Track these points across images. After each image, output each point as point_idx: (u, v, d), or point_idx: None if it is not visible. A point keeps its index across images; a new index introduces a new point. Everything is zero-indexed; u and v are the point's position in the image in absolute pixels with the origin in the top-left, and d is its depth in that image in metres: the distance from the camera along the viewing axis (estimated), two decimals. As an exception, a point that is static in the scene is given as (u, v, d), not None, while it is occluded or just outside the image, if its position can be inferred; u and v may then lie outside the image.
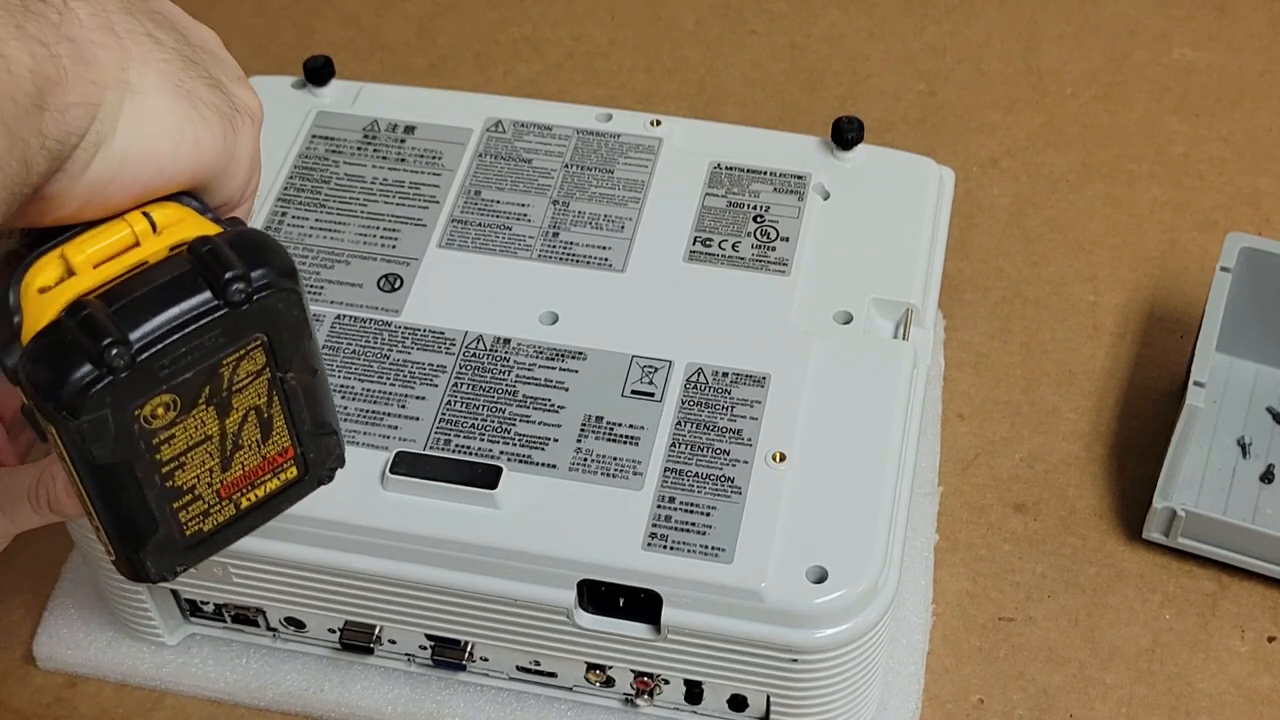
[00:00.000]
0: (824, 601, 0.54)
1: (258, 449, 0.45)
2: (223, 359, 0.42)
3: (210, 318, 0.41)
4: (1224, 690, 0.64)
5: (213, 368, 0.42)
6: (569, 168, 0.68)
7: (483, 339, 0.61)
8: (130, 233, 0.42)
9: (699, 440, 0.58)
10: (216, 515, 0.45)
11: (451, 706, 0.63)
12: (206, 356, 0.41)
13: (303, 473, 0.47)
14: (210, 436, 0.43)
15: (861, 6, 0.92)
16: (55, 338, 0.40)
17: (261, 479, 0.46)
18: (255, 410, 0.44)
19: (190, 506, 0.44)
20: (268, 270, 0.42)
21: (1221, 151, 0.84)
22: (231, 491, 0.45)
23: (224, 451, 0.44)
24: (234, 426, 0.44)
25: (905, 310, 0.63)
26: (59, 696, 0.65)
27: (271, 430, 0.45)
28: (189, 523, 0.45)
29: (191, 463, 0.43)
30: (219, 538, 0.46)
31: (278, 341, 0.43)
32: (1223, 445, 0.70)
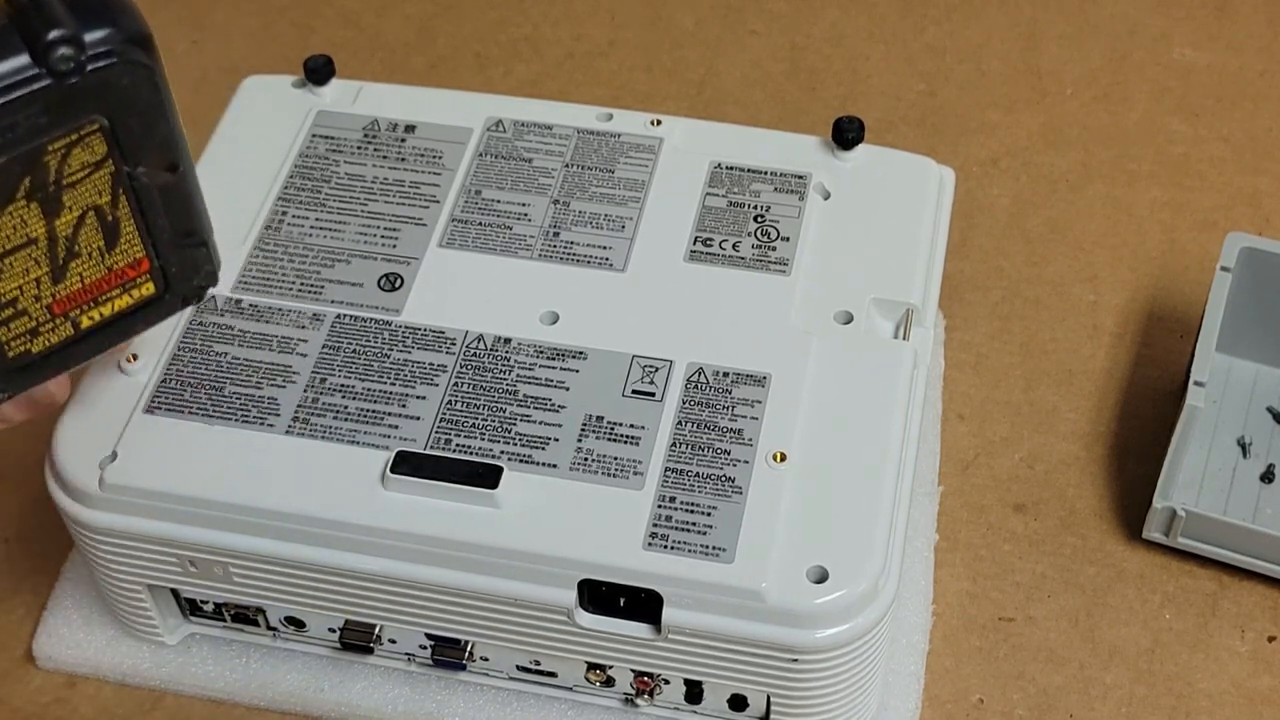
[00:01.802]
0: (824, 601, 0.54)
1: (100, 259, 0.39)
2: (47, 144, 0.35)
3: (27, 89, 0.34)
4: (1224, 690, 0.64)
5: (34, 154, 0.35)
6: (569, 167, 0.68)
7: (483, 338, 0.61)
8: None
9: (699, 440, 0.58)
10: (49, 334, 0.39)
11: (451, 706, 0.63)
12: (24, 139, 0.35)
13: (162, 289, 0.41)
14: (35, 239, 0.37)
15: (861, 6, 0.92)
16: None
17: (107, 294, 0.40)
18: (96, 211, 0.37)
19: (13, 324, 0.38)
20: (109, 33, 0.34)
21: (1221, 151, 0.84)
22: (67, 307, 0.39)
23: (55, 259, 0.38)
24: (67, 229, 0.37)
25: (905, 310, 0.63)
26: (59, 696, 0.65)
27: (119, 237, 0.38)
28: (11, 342, 0.39)
29: (11, 270, 0.37)
30: (53, 360, 0.40)
31: (123, 128, 0.36)
32: (1223, 445, 0.70)
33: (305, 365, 0.60)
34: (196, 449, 0.58)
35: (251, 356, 0.61)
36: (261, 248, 0.65)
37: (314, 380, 0.60)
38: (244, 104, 0.71)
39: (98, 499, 0.58)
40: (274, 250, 0.65)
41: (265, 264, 0.64)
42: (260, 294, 0.63)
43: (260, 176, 0.67)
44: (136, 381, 0.60)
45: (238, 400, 0.59)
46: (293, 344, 0.61)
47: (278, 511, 0.57)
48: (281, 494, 0.57)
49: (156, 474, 0.58)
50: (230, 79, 0.72)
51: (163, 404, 0.59)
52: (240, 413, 0.59)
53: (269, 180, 0.67)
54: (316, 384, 0.60)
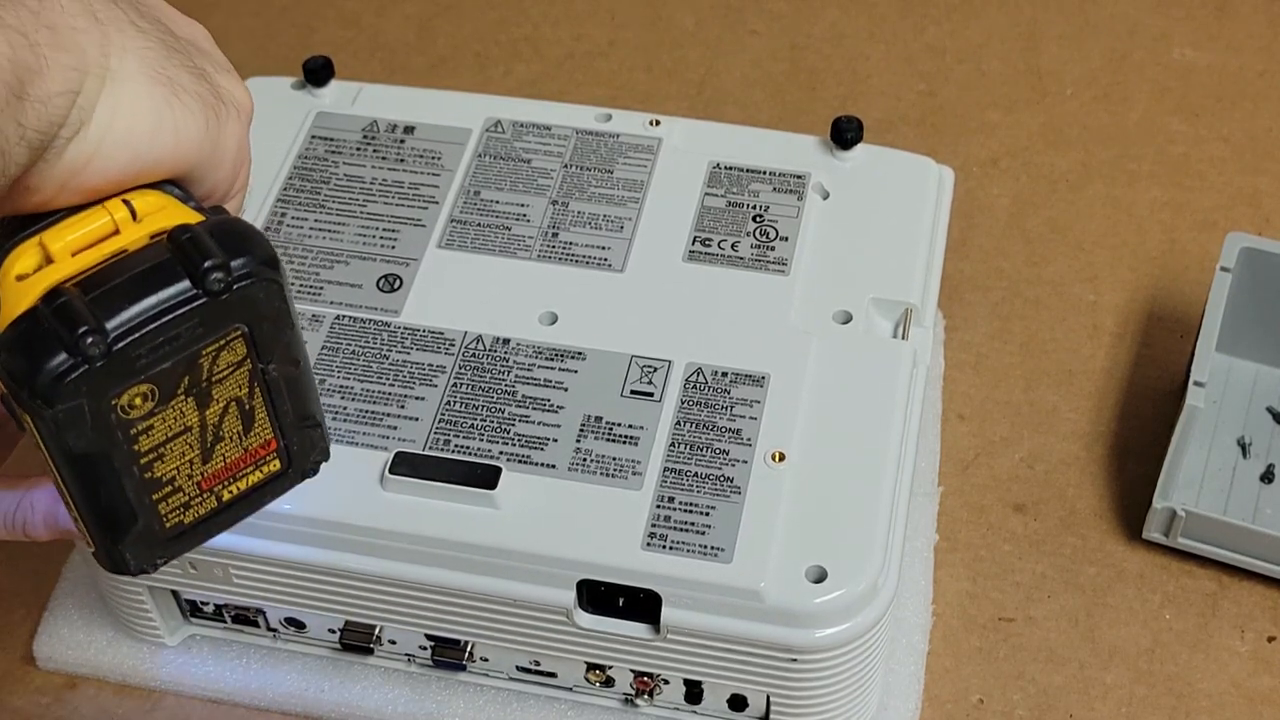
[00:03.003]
0: (823, 601, 0.54)
1: (239, 441, 0.44)
2: (202, 349, 0.41)
3: (189, 307, 0.40)
4: (1224, 690, 0.64)
5: (192, 358, 0.41)
6: (568, 168, 0.68)
7: (482, 339, 0.61)
8: (110, 220, 0.41)
9: (698, 440, 0.58)
10: (198, 507, 0.45)
11: (451, 706, 0.63)
12: (185, 346, 0.41)
13: (286, 465, 0.46)
14: (190, 428, 0.43)
15: (861, 6, 0.92)
16: (31, 325, 0.40)
17: (244, 471, 0.45)
18: (236, 401, 0.43)
19: (170, 499, 0.44)
20: (248, 259, 0.41)
21: (1221, 151, 0.84)
22: (213, 484, 0.45)
23: (204, 443, 0.43)
24: (214, 418, 0.43)
25: (905, 310, 0.63)
26: (59, 696, 0.65)
27: (254, 422, 0.44)
28: (169, 515, 0.44)
29: (171, 454, 0.43)
30: (201, 530, 0.45)
31: (259, 332, 0.42)
32: (1223, 445, 0.70)
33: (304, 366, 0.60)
34: (196, 450, 0.58)
35: (251, 357, 0.61)
36: (261, 248, 0.65)
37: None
38: (244, 105, 0.71)
39: (97, 500, 0.58)
40: (273, 251, 0.65)
41: (265, 265, 0.64)
42: (260, 295, 0.63)
43: (260, 178, 0.67)
44: (136, 382, 0.60)
45: (237, 401, 0.59)
46: (292, 345, 0.61)
47: (277, 512, 0.57)
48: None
49: (156, 475, 0.58)
50: (230, 80, 0.72)
51: (162, 405, 0.59)
52: (239, 413, 0.59)
53: (268, 181, 0.67)
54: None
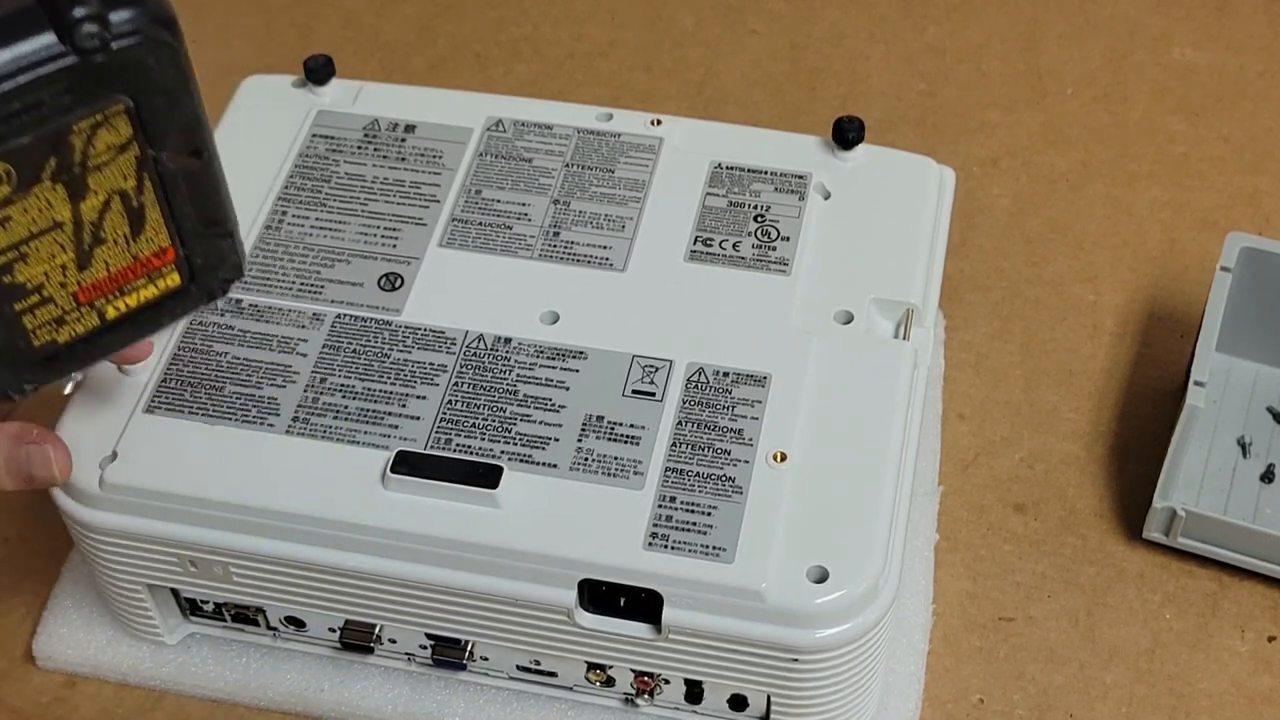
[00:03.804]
0: (825, 601, 0.54)
1: (126, 246, 0.38)
2: (72, 124, 0.35)
3: (53, 66, 0.34)
4: (1224, 690, 0.64)
5: (59, 134, 0.35)
6: (570, 167, 0.68)
7: (483, 338, 0.61)
8: None
9: (700, 440, 0.58)
10: (74, 324, 0.39)
11: (452, 706, 0.63)
12: (49, 118, 0.35)
13: (187, 280, 0.40)
14: (60, 224, 0.37)
15: (861, 6, 0.92)
16: None
17: (133, 284, 0.39)
18: (120, 196, 0.37)
19: (38, 311, 0.38)
20: (135, 13, 0.34)
21: (1221, 151, 0.84)
22: (93, 296, 0.39)
23: (80, 245, 0.37)
24: (92, 214, 0.37)
25: (906, 310, 0.63)
26: (59, 696, 0.65)
27: (144, 224, 0.38)
28: (37, 330, 0.38)
29: (36, 255, 0.37)
30: (80, 352, 0.40)
31: (147, 109, 0.36)
32: (1223, 445, 0.70)
33: (305, 365, 0.60)
34: (197, 449, 0.58)
35: (251, 356, 0.61)
36: (262, 247, 0.65)
37: (314, 380, 0.60)
38: (244, 104, 0.71)
39: (98, 499, 0.58)
40: (274, 250, 0.65)
41: (265, 264, 0.64)
42: (260, 294, 0.63)
43: (260, 176, 0.67)
44: (137, 381, 0.60)
45: (238, 400, 0.59)
46: (293, 344, 0.61)
47: (278, 511, 0.57)
48: (281, 493, 0.57)
49: (157, 474, 0.58)
50: (230, 79, 0.72)
51: (163, 404, 0.59)
52: (240, 412, 0.59)
53: (269, 180, 0.67)
54: (316, 384, 0.60)
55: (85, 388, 0.60)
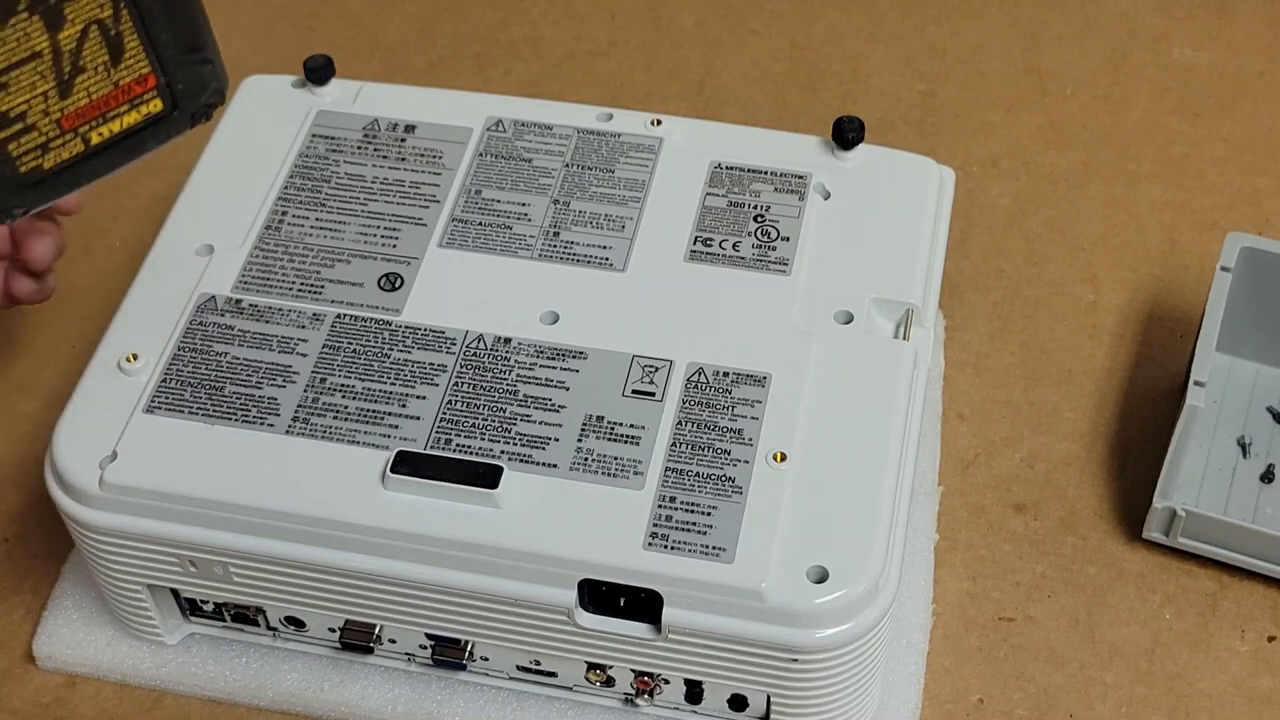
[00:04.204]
0: (824, 601, 0.54)
1: (107, 74, 0.40)
2: None
3: None
4: (1224, 690, 0.64)
5: None
6: (569, 167, 0.68)
7: (483, 338, 0.61)
8: None
9: (700, 440, 0.58)
10: (59, 150, 0.41)
11: (451, 706, 0.63)
12: None
13: (170, 106, 0.42)
14: (40, 53, 0.38)
15: (861, 6, 0.92)
16: None
17: (115, 110, 0.41)
18: (98, 25, 0.39)
19: (23, 138, 0.40)
20: None
21: (1221, 151, 0.84)
22: (76, 123, 0.41)
23: (60, 74, 0.39)
24: (70, 44, 0.39)
25: (906, 310, 0.63)
26: (59, 696, 0.65)
27: (123, 52, 0.40)
28: (24, 157, 0.40)
29: (17, 84, 0.39)
30: (65, 177, 0.41)
31: None
32: (1223, 445, 0.70)
33: (305, 365, 0.60)
34: (196, 449, 0.58)
35: (251, 356, 0.61)
36: (261, 247, 0.65)
37: (314, 380, 0.60)
38: (244, 104, 0.71)
39: (98, 499, 0.58)
40: (274, 250, 0.65)
41: (265, 264, 0.64)
42: (260, 294, 0.63)
43: (260, 176, 0.67)
44: (136, 381, 0.60)
45: (238, 400, 0.59)
46: (293, 344, 0.61)
47: (278, 511, 0.57)
48: (281, 494, 0.57)
49: (156, 474, 0.58)
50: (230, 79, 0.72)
51: (163, 404, 0.59)
52: (240, 412, 0.59)
53: (269, 180, 0.67)
54: (316, 384, 0.60)
55: (86, 389, 0.60)
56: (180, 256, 0.64)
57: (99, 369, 0.61)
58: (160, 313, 0.62)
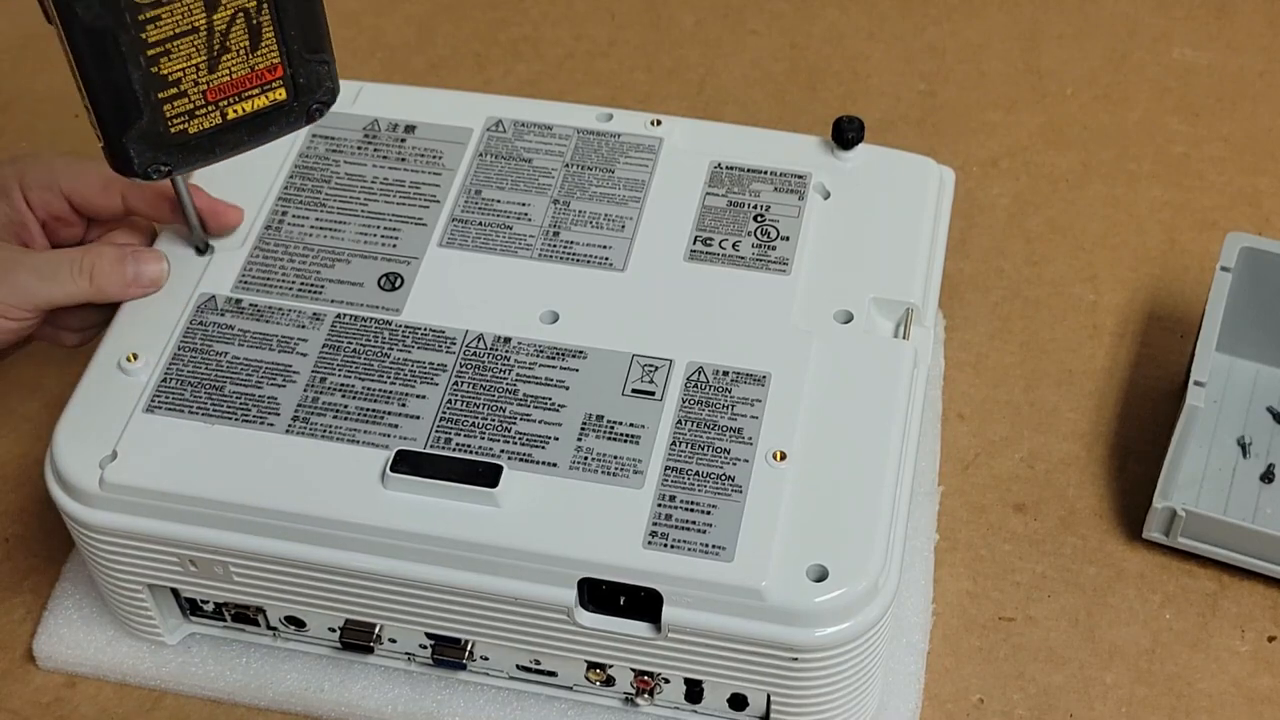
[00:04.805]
0: (824, 600, 0.54)
1: (245, 57, 0.46)
2: None
3: None
4: (1224, 690, 0.64)
5: None
6: (569, 167, 0.68)
7: (483, 338, 0.61)
8: None
9: (699, 439, 0.58)
10: (203, 119, 0.46)
11: (451, 706, 0.63)
12: None
13: (291, 97, 0.48)
14: (197, 28, 0.44)
15: (861, 6, 0.92)
16: None
17: (249, 91, 0.47)
18: (244, 13, 0.45)
19: (176, 102, 0.46)
20: None
21: (1221, 151, 0.84)
22: (218, 96, 0.46)
23: (211, 50, 0.45)
24: (222, 25, 0.45)
25: (906, 310, 0.63)
26: (59, 696, 0.65)
27: (260, 41, 0.46)
28: (174, 119, 0.46)
29: (177, 53, 0.45)
30: (204, 145, 0.47)
31: None
32: (1223, 445, 0.70)
33: (305, 365, 0.60)
34: (197, 448, 0.58)
35: (252, 356, 0.61)
36: (262, 247, 0.65)
37: (314, 379, 0.60)
38: (244, 104, 0.71)
39: (98, 498, 0.58)
40: (274, 250, 0.65)
41: (265, 264, 0.64)
42: (260, 294, 0.63)
43: (260, 177, 0.67)
44: (137, 381, 0.60)
45: (238, 399, 0.59)
46: (293, 343, 0.61)
47: (278, 510, 0.57)
48: (281, 493, 0.57)
49: (157, 473, 0.58)
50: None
51: (163, 403, 0.59)
52: (240, 412, 0.59)
53: (269, 180, 0.67)
54: (316, 383, 0.60)
55: (86, 388, 0.60)
56: (181, 256, 0.64)
57: (99, 369, 0.61)
58: (160, 313, 0.62)
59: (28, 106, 0.88)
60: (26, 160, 0.64)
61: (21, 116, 0.87)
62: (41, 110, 0.87)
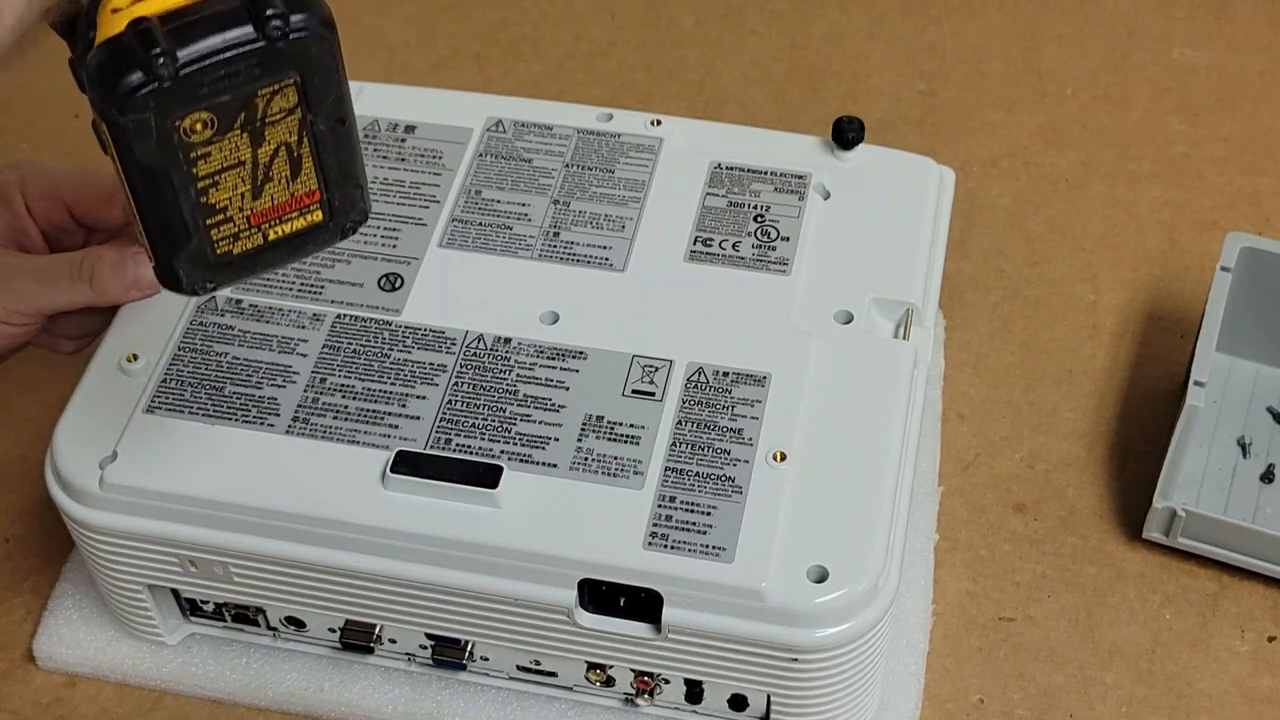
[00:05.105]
0: (824, 601, 0.54)
1: (286, 185, 0.49)
2: (258, 90, 0.47)
3: (249, 48, 0.46)
4: (1224, 690, 0.64)
5: (248, 96, 0.47)
6: (569, 167, 0.68)
7: (483, 338, 0.61)
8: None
9: (700, 440, 0.58)
10: (246, 241, 0.49)
11: (451, 706, 0.63)
12: (243, 84, 0.46)
13: (327, 218, 0.51)
14: (243, 162, 0.48)
15: (861, 6, 0.92)
16: (116, 47, 0.45)
17: (289, 215, 0.50)
18: (286, 146, 0.48)
19: (222, 227, 0.49)
20: (307, 16, 0.46)
21: (1221, 151, 0.84)
22: (260, 220, 0.49)
23: (255, 179, 0.48)
24: (265, 157, 0.48)
25: (906, 310, 0.63)
26: (59, 696, 0.65)
27: (300, 170, 0.49)
28: (220, 242, 0.49)
29: (224, 184, 0.48)
30: (246, 264, 0.50)
31: (310, 84, 0.47)
32: (1223, 445, 0.70)
33: (305, 365, 0.61)
34: (197, 449, 0.58)
35: (252, 356, 0.61)
36: (261, 248, 0.65)
37: (314, 380, 0.60)
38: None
39: (98, 498, 0.58)
40: (274, 250, 0.65)
41: (265, 264, 0.64)
42: (260, 294, 0.63)
43: (260, 176, 0.67)
44: (137, 382, 0.60)
45: (238, 400, 0.59)
46: (293, 344, 0.61)
47: (278, 511, 0.57)
48: (281, 493, 0.57)
49: (157, 474, 0.58)
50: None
51: (163, 404, 0.59)
52: (240, 412, 0.59)
53: (269, 180, 0.67)
54: (316, 384, 0.60)
55: (86, 389, 0.60)
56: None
57: (99, 369, 0.61)
58: (160, 313, 0.62)
59: (28, 106, 0.88)
60: (29, 168, 0.64)
61: (21, 116, 0.87)
62: (41, 110, 0.87)
